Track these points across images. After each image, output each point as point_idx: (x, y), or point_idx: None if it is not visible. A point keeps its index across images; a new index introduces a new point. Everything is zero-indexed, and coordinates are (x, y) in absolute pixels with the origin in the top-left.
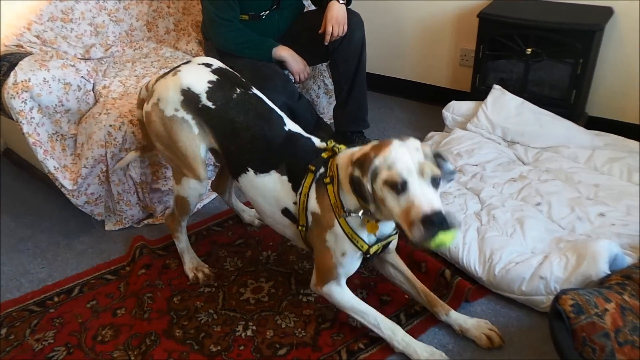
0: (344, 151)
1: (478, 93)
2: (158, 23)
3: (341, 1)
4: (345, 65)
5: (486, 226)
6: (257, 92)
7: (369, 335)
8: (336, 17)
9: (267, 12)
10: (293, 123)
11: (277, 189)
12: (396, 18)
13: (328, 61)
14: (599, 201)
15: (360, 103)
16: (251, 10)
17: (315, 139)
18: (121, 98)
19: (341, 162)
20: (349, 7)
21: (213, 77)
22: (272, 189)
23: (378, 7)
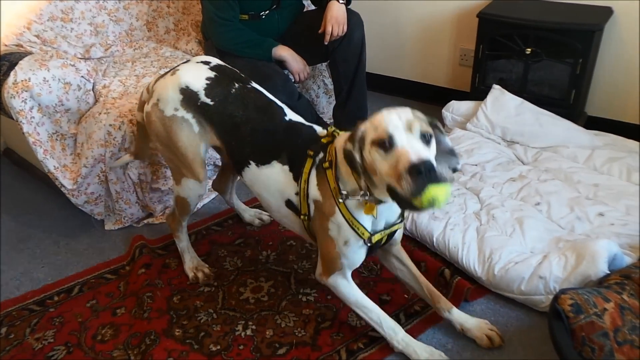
0: (343, 134)
1: (478, 93)
2: (158, 23)
3: (341, 1)
4: (345, 65)
5: (485, 226)
6: (256, 86)
7: (369, 334)
8: (336, 17)
9: (267, 12)
10: (294, 113)
11: (280, 180)
12: (396, 18)
13: (328, 61)
14: (599, 201)
15: (360, 103)
16: (251, 10)
17: (317, 127)
18: (121, 98)
19: (338, 145)
20: (349, 7)
21: (211, 74)
22: (275, 181)
23: (378, 7)
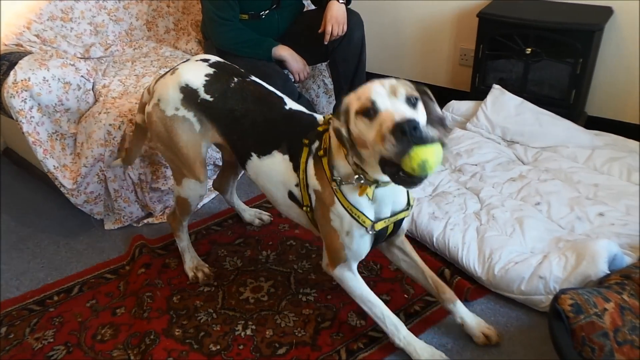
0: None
1: (478, 93)
2: (158, 22)
3: (341, 1)
4: (344, 64)
5: (485, 226)
6: (255, 79)
7: (369, 334)
8: (336, 17)
9: (267, 12)
10: (295, 103)
11: (281, 171)
12: (396, 18)
13: (328, 61)
14: (599, 201)
15: None
16: (251, 9)
17: (318, 116)
18: (121, 97)
19: (332, 130)
20: (349, 7)
21: (210, 71)
22: (277, 171)
23: (378, 7)
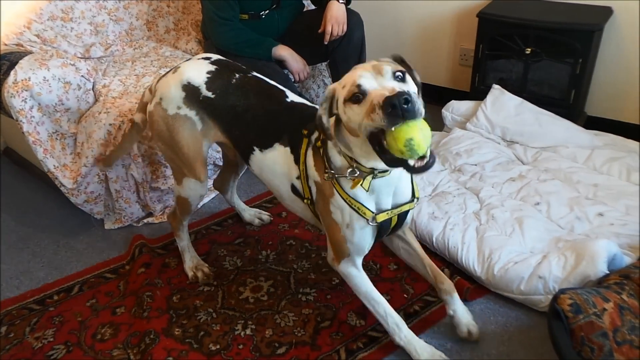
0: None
1: (477, 93)
2: (158, 22)
3: (341, 1)
4: (344, 64)
5: (485, 226)
6: (257, 75)
7: (368, 334)
8: (336, 17)
9: (267, 12)
10: (296, 96)
11: (283, 163)
12: (396, 17)
13: (328, 60)
14: (598, 201)
15: None
16: (251, 9)
17: (319, 107)
18: (121, 97)
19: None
20: (349, 7)
21: (211, 68)
22: (280, 164)
23: (378, 7)
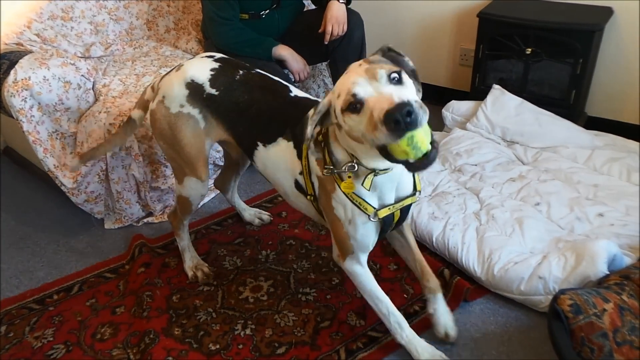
0: None
1: (478, 93)
2: (158, 22)
3: (341, 0)
4: (345, 64)
5: (485, 226)
6: (261, 71)
7: (368, 334)
8: (336, 17)
9: (267, 11)
10: (300, 91)
11: (287, 158)
12: (396, 17)
13: (328, 60)
14: (598, 201)
15: None
16: (251, 9)
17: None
18: (121, 96)
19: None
20: (349, 7)
21: (215, 65)
22: (283, 159)
23: (378, 7)
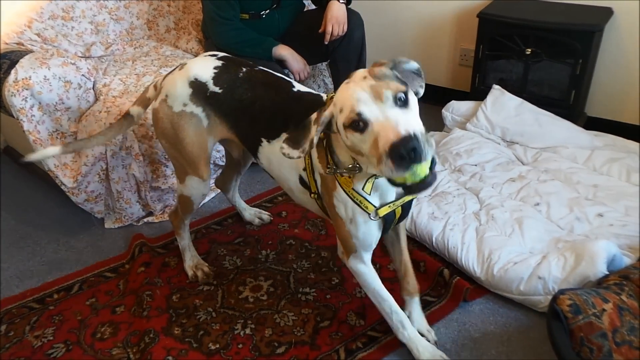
0: None
1: (477, 93)
2: (158, 22)
3: (341, 0)
4: (345, 64)
5: (485, 226)
6: (263, 68)
7: (367, 334)
8: (336, 17)
9: (267, 11)
10: (303, 86)
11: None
12: (396, 18)
13: (328, 60)
14: (598, 202)
15: None
16: (251, 9)
17: (324, 95)
18: (121, 96)
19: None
20: (349, 7)
21: (218, 63)
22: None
23: (378, 7)
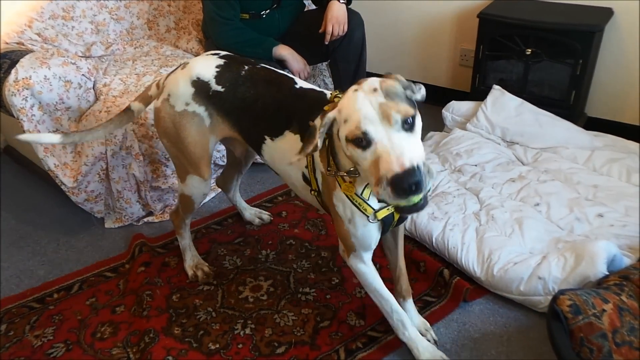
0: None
1: (478, 93)
2: (159, 21)
3: (341, 1)
4: (345, 64)
5: (485, 226)
6: (265, 65)
7: (367, 334)
8: (336, 17)
9: (268, 11)
10: (306, 83)
11: (293, 151)
12: (396, 18)
13: (328, 60)
14: (598, 202)
15: None
16: (252, 9)
17: (327, 92)
18: (121, 96)
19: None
20: (349, 7)
21: (220, 62)
22: (290, 152)
23: (378, 7)
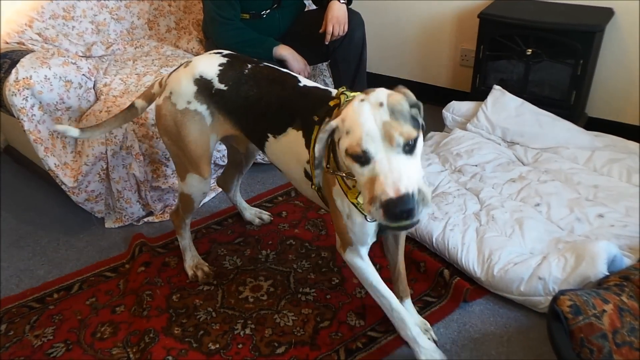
0: (352, 98)
1: (478, 93)
2: (159, 21)
3: (342, 1)
4: (345, 64)
5: (485, 226)
6: (269, 64)
7: (367, 334)
8: (337, 17)
9: (268, 11)
10: (310, 81)
11: (296, 148)
12: (397, 18)
13: (328, 60)
14: (598, 202)
15: None
16: (252, 9)
17: (333, 90)
18: (122, 96)
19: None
20: (350, 7)
21: (223, 60)
22: (292, 149)
23: (378, 7)
